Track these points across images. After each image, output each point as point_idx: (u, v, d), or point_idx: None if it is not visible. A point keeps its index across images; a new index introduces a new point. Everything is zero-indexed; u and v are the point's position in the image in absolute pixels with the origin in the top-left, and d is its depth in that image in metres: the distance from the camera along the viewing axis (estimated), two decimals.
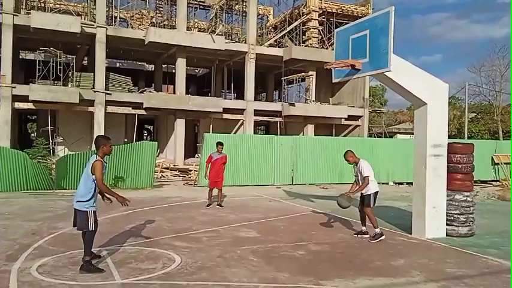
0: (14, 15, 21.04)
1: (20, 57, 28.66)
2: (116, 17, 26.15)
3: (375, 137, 32.99)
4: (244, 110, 26.71)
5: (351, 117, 29.76)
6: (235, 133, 26.94)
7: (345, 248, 7.15)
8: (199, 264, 5.94)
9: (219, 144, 11.16)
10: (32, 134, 40.59)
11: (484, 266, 6.24)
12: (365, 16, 30.03)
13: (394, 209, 11.49)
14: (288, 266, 5.95)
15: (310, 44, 28.95)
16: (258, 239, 7.63)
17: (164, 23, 28.76)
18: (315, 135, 27.71)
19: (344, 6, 30.36)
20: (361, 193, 7.77)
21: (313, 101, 28.66)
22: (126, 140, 25.67)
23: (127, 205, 5.80)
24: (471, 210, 8.03)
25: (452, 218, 7.97)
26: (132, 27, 26.91)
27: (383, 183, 17.52)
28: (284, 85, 29.43)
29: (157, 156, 27.92)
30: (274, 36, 30.53)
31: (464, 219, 7.96)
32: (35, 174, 13.35)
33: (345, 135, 30.26)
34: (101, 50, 23.21)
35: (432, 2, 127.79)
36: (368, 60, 7.35)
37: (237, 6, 30.26)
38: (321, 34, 29.94)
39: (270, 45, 28.66)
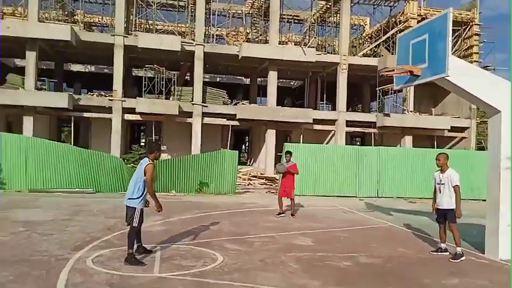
0: (124, 36, 23.55)
1: (133, 74, 31.91)
2: (213, 35, 27.77)
3: (486, 150, 30.01)
4: (336, 120, 26.34)
5: (455, 129, 27.59)
6: (327, 143, 26.68)
7: (399, 263, 6.75)
8: (237, 266, 6.12)
9: (288, 153, 11.21)
10: (142, 143, 44.63)
11: None
12: (471, 22, 28.08)
13: (479, 226, 10.42)
14: (325, 275, 5.84)
15: None
16: (309, 247, 7.56)
17: (260, 37, 29.77)
18: (413, 147, 26.19)
19: None
20: (441, 208, 7.17)
21: (411, 111, 27.17)
22: (222, 148, 26.95)
23: (159, 212, 6.44)
24: None
25: None
26: (228, 44, 28.32)
27: (483, 200, 15.92)
28: (379, 95, 28.36)
29: (251, 165, 29.03)
30: (368, 46, 29.71)
31: None
32: (129, 177, 14.72)
33: (449, 148, 28.10)
34: (199, 66, 24.80)
35: None
36: (427, 65, 6.93)
37: (331, 18, 30.11)
38: None
39: (364, 55, 27.96)
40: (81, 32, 24.02)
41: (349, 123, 26.70)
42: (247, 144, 41.89)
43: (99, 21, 32.87)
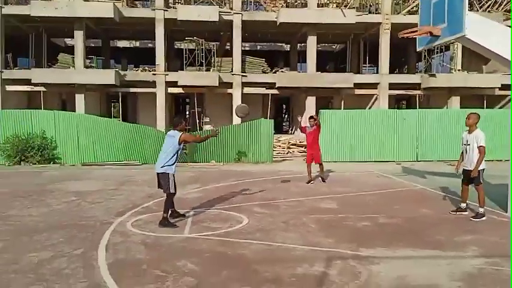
0: (164, 10, 24.13)
1: (176, 47, 32.64)
2: (252, 2, 27.71)
3: None
4: (378, 84, 25.83)
5: (506, 87, 26.19)
6: (369, 108, 26.33)
7: (417, 222, 6.97)
8: (260, 227, 6.61)
9: (311, 118, 11.22)
10: (187, 115, 45.85)
11: None
12: None
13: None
14: (340, 234, 6.20)
15: None
16: (333, 210, 7.91)
17: (299, 1, 29.31)
18: (461, 107, 25.28)
19: None
20: (467, 169, 7.25)
21: (458, 70, 26.07)
22: (263, 118, 27.36)
23: (217, 134, 7.67)
24: None
25: None
26: (266, 10, 28.17)
27: None
28: (425, 55, 27.32)
29: (292, 133, 29.27)
30: (414, 2, 28.42)
31: None
32: None
33: (500, 107, 26.85)
34: (237, 35, 25.01)
35: None
36: (446, 25, 6.86)
37: None
38: None
39: (409, 13, 26.85)
40: (124, 9, 24.84)
41: (393, 86, 26.06)
42: (288, 113, 41.97)
43: None
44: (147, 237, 6.08)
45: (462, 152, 7.45)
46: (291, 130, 31.70)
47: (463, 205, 7.43)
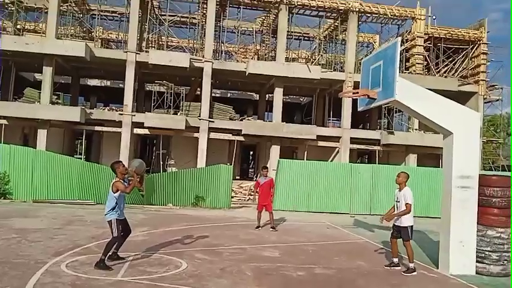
0: (136, 53, 24.67)
1: (147, 88, 33.04)
2: (223, 51, 28.70)
3: (493, 170, 29.82)
4: (340, 137, 26.72)
5: None
6: (331, 160, 27.04)
7: (349, 274, 7.19)
8: (196, 273, 6.68)
9: (264, 168, 11.76)
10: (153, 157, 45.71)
11: None
12: (479, 40, 28.24)
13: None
14: (272, 283, 6.35)
15: (414, 71, 27.86)
16: (274, 259, 8.06)
17: (269, 54, 30.55)
18: (418, 165, 26.29)
19: (454, 31, 28.64)
20: (396, 224, 7.61)
21: (415, 129, 27.36)
22: (228, 163, 27.61)
23: (140, 184, 7.22)
24: (505, 248, 7.34)
25: (483, 255, 7.39)
26: (236, 61, 29.19)
27: None
28: (384, 113, 28.66)
29: (257, 180, 29.52)
30: None
31: (497, 258, 7.31)
32: None
33: None
34: (207, 82, 25.64)
35: None
36: (381, 89, 7.44)
37: (340, 35, 30.67)
38: (426, 60, 28.64)
39: None
40: (96, 49, 25.25)
41: (355, 141, 27.02)
42: (253, 160, 42.46)
43: (116, 37, 34.25)
44: (77, 279, 6.05)
45: (392, 207, 7.84)
46: (256, 177, 31.97)
47: (395, 260, 7.72)
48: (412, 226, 7.46)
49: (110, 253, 6.92)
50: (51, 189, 14.92)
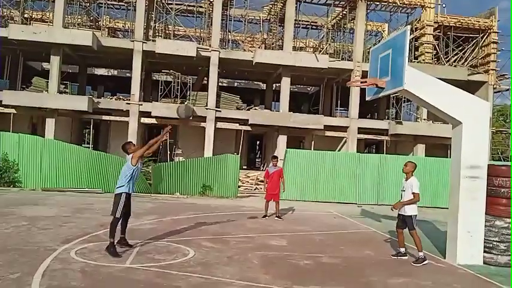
0: (143, 42, 24.63)
1: (154, 78, 33.04)
2: (230, 40, 28.57)
3: (502, 160, 29.60)
4: (348, 127, 26.61)
5: None
6: (339, 150, 26.97)
7: (356, 263, 7.20)
8: (203, 261, 6.72)
9: (274, 157, 11.75)
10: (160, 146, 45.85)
11: None
12: (489, 29, 27.84)
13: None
14: (279, 271, 6.37)
15: (423, 60, 27.57)
16: (280, 247, 8.09)
17: (276, 43, 30.35)
18: (426, 155, 26.17)
19: (464, 20, 28.23)
20: (401, 214, 7.60)
21: (424, 119, 27.15)
22: (235, 153, 27.66)
23: (169, 130, 7.65)
24: None
25: (491, 245, 7.36)
26: (243, 50, 29.04)
27: None
28: (393, 102, 28.46)
29: (264, 170, 29.55)
30: None
31: (505, 248, 7.28)
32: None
33: None
34: (214, 71, 25.59)
35: None
36: (390, 78, 7.37)
37: (349, 24, 30.36)
38: (436, 49, 28.31)
39: None
40: (103, 38, 25.25)
41: (362, 131, 26.89)
42: (261, 149, 42.48)
43: (123, 26, 34.19)
44: (87, 266, 6.11)
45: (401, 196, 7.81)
46: (263, 166, 32.00)
47: (402, 249, 7.71)
48: (416, 215, 7.44)
49: (118, 238, 6.99)
50: (59, 178, 15.06)
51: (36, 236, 7.85)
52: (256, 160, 39.62)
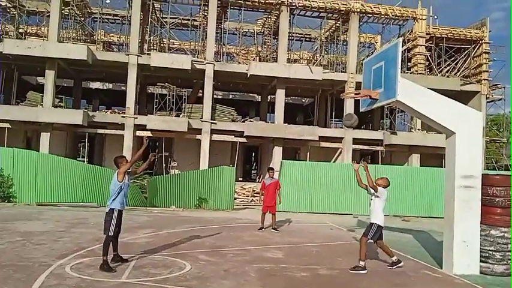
0: (138, 55, 24.73)
1: (149, 91, 33.10)
2: (224, 53, 28.76)
3: (496, 169, 29.76)
4: (343, 138, 26.72)
5: None
6: (334, 161, 27.05)
7: (352, 275, 7.19)
8: (199, 275, 6.69)
9: (270, 169, 11.74)
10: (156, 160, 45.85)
11: None
12: (481, 40, 28.22)
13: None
14: (276, 283, 6.36)
15: (416, 71, 27.85)
16: (277, 260, 8.06)
17: (270, 56, 30.58)
18: (421, 165, 26.30)
19: (455, 31, 28.63)
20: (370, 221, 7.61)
21: (418, 129, 27.34)
22: (231, 165, 27.64)
23: (146, 140, 7.54)
24: (509, 247, 7.32)
25: (487, 254, 7.38)
26: (238, 62, 29.23)
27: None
28: (387, 113, 28.66)
29: (260, 181, 29.54)
30: None
31: (501, 257, 7.30)
32: (131, 193, 15.52)
33: None
34: (209, 84, 25.69)
35: None
36: (383, 89, 7.45)
37: (342, 36, 30.67)
38: (428, 60, 28.62)
39: None
40: (98, 52, 25.35)
41: (357, 141, 27.02)
42: (256, 161, 42.48)
43: (118, 40, 34.35)
44: (82, 281, 6.07)
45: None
46: (259, 178, 31.98)
47: (394, 258, 7.73)
48: (378, 226, 7.43)
49: (110, 256, 6.94)
50: (54, 192, 14.97)
51: (31, 252, 7.79)
52: (252, 172, 39.60)
